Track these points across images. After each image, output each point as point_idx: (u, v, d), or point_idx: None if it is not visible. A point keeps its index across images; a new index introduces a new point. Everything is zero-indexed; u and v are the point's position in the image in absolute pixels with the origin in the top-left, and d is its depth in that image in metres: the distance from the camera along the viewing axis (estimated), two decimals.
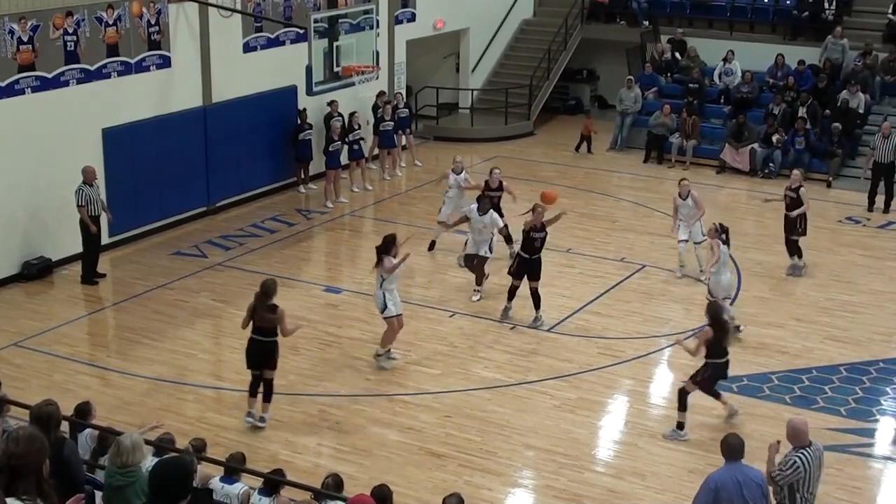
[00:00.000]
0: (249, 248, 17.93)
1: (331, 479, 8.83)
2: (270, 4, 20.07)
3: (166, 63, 18.23)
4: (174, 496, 5.65)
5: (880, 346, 14.30)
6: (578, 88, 28.67)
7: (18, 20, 15.74)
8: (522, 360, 13.87)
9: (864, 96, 22.66)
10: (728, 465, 8.42)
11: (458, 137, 25.24)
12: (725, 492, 8.25)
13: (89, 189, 16.00)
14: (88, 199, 15.98)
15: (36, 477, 5.47)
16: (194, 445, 9.38)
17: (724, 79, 24.67)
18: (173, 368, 13.59)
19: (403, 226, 19.65)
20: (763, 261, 17.45)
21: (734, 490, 8.25)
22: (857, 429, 12.29)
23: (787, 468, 8.46)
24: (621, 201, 20.71)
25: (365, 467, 11.21)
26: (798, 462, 8.44)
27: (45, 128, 16.31)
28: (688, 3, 26.87)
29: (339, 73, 18.22)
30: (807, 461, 8.46)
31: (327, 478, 8.88)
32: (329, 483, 8.76)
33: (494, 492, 10.92)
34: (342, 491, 8.75)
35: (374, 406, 12.63)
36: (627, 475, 11.20)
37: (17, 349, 13.99)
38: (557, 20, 26.51)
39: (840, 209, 20.19)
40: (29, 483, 5.43)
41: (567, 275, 16.73)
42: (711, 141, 23.43)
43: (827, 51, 24.00)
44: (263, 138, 20.24)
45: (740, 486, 8.26)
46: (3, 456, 5.52)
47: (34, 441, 5.58)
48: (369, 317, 15.24)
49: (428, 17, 24.60)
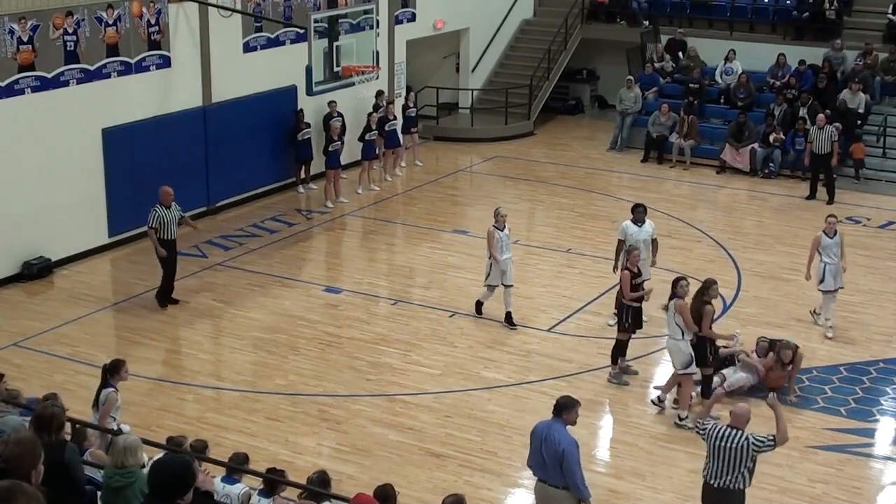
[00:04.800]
0: (249, 248, 17.93)
1: (316, 475, 8.80)
2: (270, 4, 20.07)
3: (166, 63, 18.23)
4: (171, 494, 5.63)
5: (880, 346, 14.30)
6: (578, 88, 28.66)
7: (18, 20, 15.73)
8: (522, 360, 13.87)
9: (864, 96, 22.67)
10: (551, 418, 9.20)
11: (458, 137, 25.24)
12: (533, 437, 9.22)
13: (164, 211, 14.97)
14: (161, 221, 14.95)
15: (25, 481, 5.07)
16: (195, 446, 9.38)
17: (724, 78, 24.68)
18: (173, 368, 13.60)
19: (403, 225, 19.69)
20: (763, 261, 17.45)
21: (537, 440, 9.12)
22: (857, 429, 12.28)
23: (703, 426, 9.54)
24: (621, 201, 20.68)
25: (365, 467, 11.21)
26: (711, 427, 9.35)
27: (45, 128, 16.30)
28: (688, 3, 26.86)
29: (338, 73, 18.22)
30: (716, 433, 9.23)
31: (313, 474, 8.85)
32: (314, 479, 8.73)
33: (494, 492, 10.92)
34: (329, 488, 8.72)
35: (374, 406, 12.63)
36: (627, 475, 11.20)
37: (17, 349, 13.99)
38: (557, 20, 26.50)
39: (840, 209, 20.09)
40: None
41: (567, 275, 16.73)
42: (711, 141, 23.43)
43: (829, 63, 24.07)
44: (263, 138, 20.24)
45: (542, 440, 9.05)
46: None
47: (24, 444, 5.33)
48: (369, 317, 15.27)
49: (428, 17, 24.60)
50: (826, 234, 14.40)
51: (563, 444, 8.99)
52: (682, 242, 18.18)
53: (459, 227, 19.18)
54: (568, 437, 9.09)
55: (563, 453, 8.95)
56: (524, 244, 18.05)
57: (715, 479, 9.28)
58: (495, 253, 14.46)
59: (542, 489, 9.24)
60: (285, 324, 14.92)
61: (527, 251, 17.59)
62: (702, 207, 20.82)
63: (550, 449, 9.00)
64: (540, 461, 9.12)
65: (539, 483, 9.27)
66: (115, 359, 10.63)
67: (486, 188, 22.02)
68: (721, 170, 22.71)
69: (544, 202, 20.92)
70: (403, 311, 15.42)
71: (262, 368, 13.63)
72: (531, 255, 17.55)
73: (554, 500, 9.19)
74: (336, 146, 20.27)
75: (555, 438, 9.00)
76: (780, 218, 19.91)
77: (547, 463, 9.05)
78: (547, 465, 9.06)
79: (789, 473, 11.23)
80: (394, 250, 18.77)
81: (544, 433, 9.08)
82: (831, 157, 20.59)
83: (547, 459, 9.03)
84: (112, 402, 10.20)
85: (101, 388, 10.31)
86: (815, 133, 20.71)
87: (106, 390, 10.25)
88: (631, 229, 14.56)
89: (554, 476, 9.06)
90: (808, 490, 11.00)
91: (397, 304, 15.70)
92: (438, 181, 22.14)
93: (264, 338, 14.47)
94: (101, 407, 10.17)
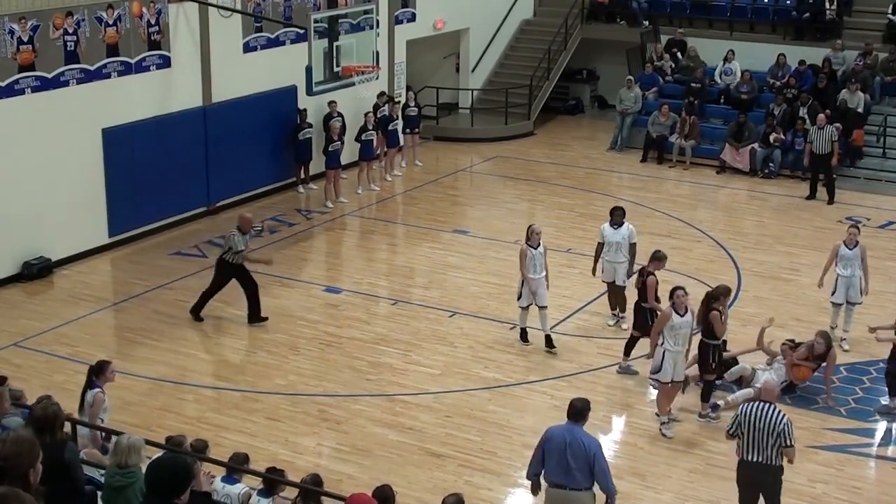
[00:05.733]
0: (249, 248, 17.87)
1: (310, 477, 8.80)
2: (270, 4, 20.07)
3: (166, 63, 18.23)
4: (168, 493, 5.63)
5: (880, 347, 14.25)
6: (578, 88, 28.67)
7: (18, 20, 15.73)
8: (522, 360, 13.87)
9: (864, 96, 22.67)
10: (568, 423, 9.15)
11: (458, 137, 25.24)
12: (551, 444, 9.06)
13: (241, 237, 14.62)
14: (237, 247, 14.60)
15: (22, 481, 5.19)
16: (195, 446, 9.38)
17: (723, 78, 24.69)
18: (173, 368, 13.59)
19: (403, 225, 19.69)
20: (763, 261, 17.45)
21: (559, 446, 9.01)
22: (857, 429, 12.29)
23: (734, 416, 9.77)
24: (621, 201, 20.61)
25: (365, 467, 11.21)
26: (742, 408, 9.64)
27: (45, 128, 16.30)
28: (688, 3, 26.85)
29: (338, 73, 18.22)
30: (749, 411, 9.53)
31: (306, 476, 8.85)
32: (307, 480, 8.73)
33: (494, 492, 10.92)
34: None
35: (374, 406, 12.63)
36: (627, 475, 11.19)
37: (17, 349, 13.99)
38: (557, 20, 26.50)
39: (840, 209, 20.18)
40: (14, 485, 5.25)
41: (567, 275, 16.73)
42: (711, 141, 23.43)
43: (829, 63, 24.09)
44: (263, 138, 20.23)
45: (566, 445, 8.96)
46: None
47: (22, 444, 5.31)
48: (369, 317, 15.27)
49: (428, 17, 24.60)
50: (846, 244, 13.99)
51: (592, 448, 9.00)
52: (682, 242, 18.18)
53: (459, 227, 19.19)
54: (594, 438, 9.22)
55: (594, 456, 8.95)
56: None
57: (753, 455, 9.51)
58: (526, 272, 13.76)
59: (561, 495, 9.07)
60: (285, 324, 14.92)
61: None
62: (702, 207, 20.83)
63: (578, 452, 8.94)
64: (564, 466, 8.98)
65: (554, 489, 9.10)
66: (101, 360, 10.56)
67: (486, 188, 22.02)
68: (721, 170, 22.70)
69: (544, 202, 20.93)
70: (403, 311, 15.42)
71: (262, 368, 13.64)
72: None
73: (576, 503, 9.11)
74: (336, 146, 20.27)
75: (583, 442, 8.98)
76: (780, 218, 19.91)
77: (573, 467, 8.95)
78: (573, 470, 8.95)
79: (789, 473, 11.15)
80: (394, 250, 18.77)
81: (567, 438, 8.99)
82: (831, 157, 20.58)
83: (574, 463, 8.94)
84: (99, 403, 10.09)
85: (87, 388, 10.22)
86: (816, 133, 20.72)
87: (92, 391, 10.15)
88: (606, 231, 14.50)
89: (580, 480, 8.98)
90: (808, 490, 11.00)
91: (397, 304, 15.70)
92: (438, 181, 22.14)
93: (264, 338, 14.47)
94: (89, 409, 10.08)
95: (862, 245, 14.10)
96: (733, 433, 9.67)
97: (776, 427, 9.36)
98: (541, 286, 13.87)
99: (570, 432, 9.05)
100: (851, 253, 13.94)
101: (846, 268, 14.04)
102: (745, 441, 9.52)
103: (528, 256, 13.79)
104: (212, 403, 12.75)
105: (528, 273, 13.76)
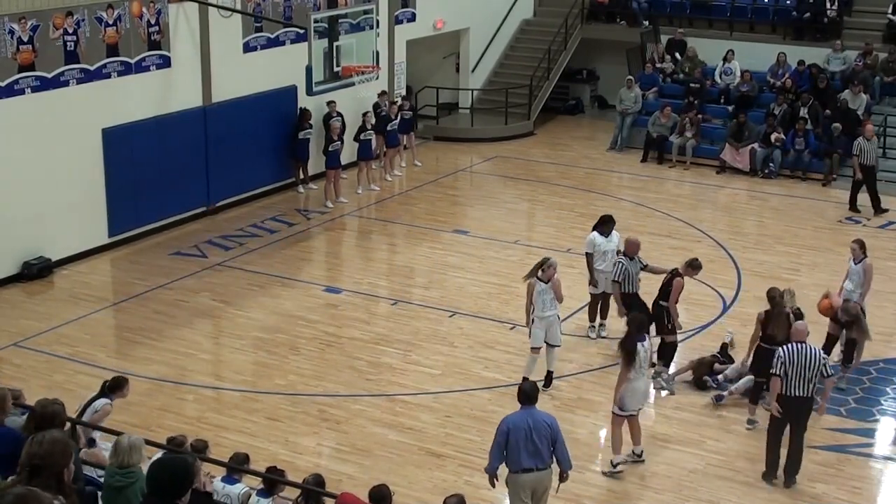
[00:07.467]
0: (249, 248, 17.92)
1: (312, 478, 8.81)
2: (270, 4, 20.07)
3: (166, 63, 18.23)
4: (170, 494, 5.64)
5: (880, 346, 14.28)
6: (578, 88, 28.66)
7: (18, 20, 15.73)
8: (522, 360, 13.82)
9: (864, 96, 22.66)
10: (522, 409, 9.41)
11: (458, 137, 25.23)
12: (515, 433, 9.26)
13: (629, 263, 13.51)
14: (627, 274, 13.45)
15: (56, 478, 5.54)
16: (195, 446, 9.38)
17: (723, 78, 24.69)
18: (173, 368, 13.59)
19: (403, 226, 19.69)
20: (763, 261, 17.45)
21: (524, 432, 9.24)
22: (857, 429, 12.29)
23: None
24: (621, 201, 20.69)
25: (365, 467, 11.21)
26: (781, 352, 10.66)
27: (45, 128, 16.30)
28: (688, 3, 26.86)
29: (338, 73, 18.22)
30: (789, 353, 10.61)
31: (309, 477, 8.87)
32: (309, 480, 8.75)
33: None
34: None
35: (374, 406, 12.63)
36: (627, 475, 11.19)
37: (17, 349, 13.99)
38: (557, 20, 26.50)
39: (840, 209, 20.18)
40: (48, 483, 5.47)
41: (567, 275, 16.63)
42: (711, 141, 23.43)
43: (830, 64, 24.03)
44: (263, 138, 20.23)
45: (530, 429, 9.24)
46: (26, 456, 5.63)
47: (57, 444, 5.67)
48: (369, 317, 15.27)
49: (428, 17, 24.60)
50: (853, 259, 13.80)
51: (555, 425, 9.40)
52: (683, 242, 18.17)
53: (459, 227, 19.19)
54: (550, 415, 9.63)
55: (556, 430, 9.35)
56: (524, 244, 18.09)
57: (796, 390, 10.62)
58: (534, 310, 12.47)
59: (535, 477, 9.39)
60: (285, 324, 14.92)
61: (527, 251, 17.59)
62: (702, 207, 20.82)
63: (543, 432, 9.30)
64: (532, 449, 9.29)
65: (527, 474, 9.36)
66: (119, 376, 10.66)
67: (486, 188, 22.02)
68: (721, 170, 22.70)
69: (544, 202, 20.92)
70: (403, 311, 15.42)
71: (262, 368, 13.63)
72: (531, 255, 17.49)
73: (545, 482, 9.49)
74: (336, 146, 20.26)
75: (545, 422, 9.34)
76: (780, 218, 19.90)
77: (540, 448, 9.29)
78: (540, 450, 9.30)
79: None
80: (394, 250, 18.77)
81: (529, 422, 9.30)
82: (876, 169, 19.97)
83: (540, 444, 9.28)
84: (105, 413, 10.16)
85: (97, 397, 10.28)
86: (863, 144, 19.73)
87: (102, 400, 10.22)
88: (598, 240, 14.10)
89: (546, 457, 9.36)
90: (808, 490, 11.00)
91: (397, 304, 15.70)
92: (438, 181, 22.14)
93: (264, 338, 14.47)
94: (93, 413, 10.11)
95: (868, 262, 13.75)
96: (778, 373, 10.62)
97: (816, 361, 10.60)
98: (555, 324, 12.67)
99: (531, 415, 9.36)
100: (855, 268, 13.78)
101: (850, 282, 13.92)
102: (788, 379, 10.57)
103: (536, 290, 12.44)
104: (212, 403, 12.75)
105: (536, 311, 12.53)
